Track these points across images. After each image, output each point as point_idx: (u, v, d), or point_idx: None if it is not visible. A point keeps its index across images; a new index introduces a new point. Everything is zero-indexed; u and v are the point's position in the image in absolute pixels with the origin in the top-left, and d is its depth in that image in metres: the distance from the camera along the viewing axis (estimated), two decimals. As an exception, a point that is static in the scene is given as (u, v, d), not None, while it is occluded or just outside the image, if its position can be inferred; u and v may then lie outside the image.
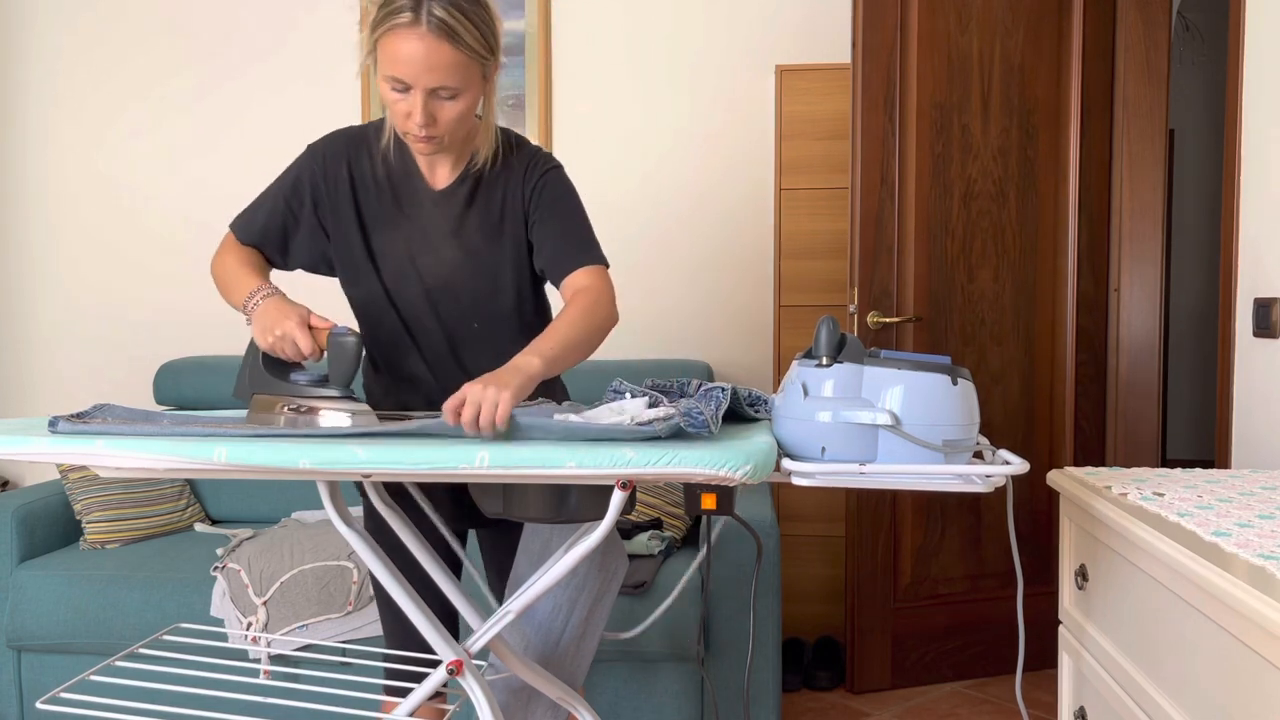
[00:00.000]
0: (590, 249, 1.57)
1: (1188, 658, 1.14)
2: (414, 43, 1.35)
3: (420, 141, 1.44)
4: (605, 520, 1.17)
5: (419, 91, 1.39)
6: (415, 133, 1.43)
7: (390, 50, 1.37)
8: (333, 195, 1.56)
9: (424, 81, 1.38)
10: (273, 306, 1.40)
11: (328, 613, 2.32)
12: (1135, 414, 2.97)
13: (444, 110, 1.42)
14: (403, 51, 1.36)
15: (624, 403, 1.25)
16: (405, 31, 1.35)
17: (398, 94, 1.41)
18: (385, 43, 1.38)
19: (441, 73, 1.38)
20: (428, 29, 1.35)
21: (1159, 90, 2.92)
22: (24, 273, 3.37)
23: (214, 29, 3.28)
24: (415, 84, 1.38)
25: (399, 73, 1.38)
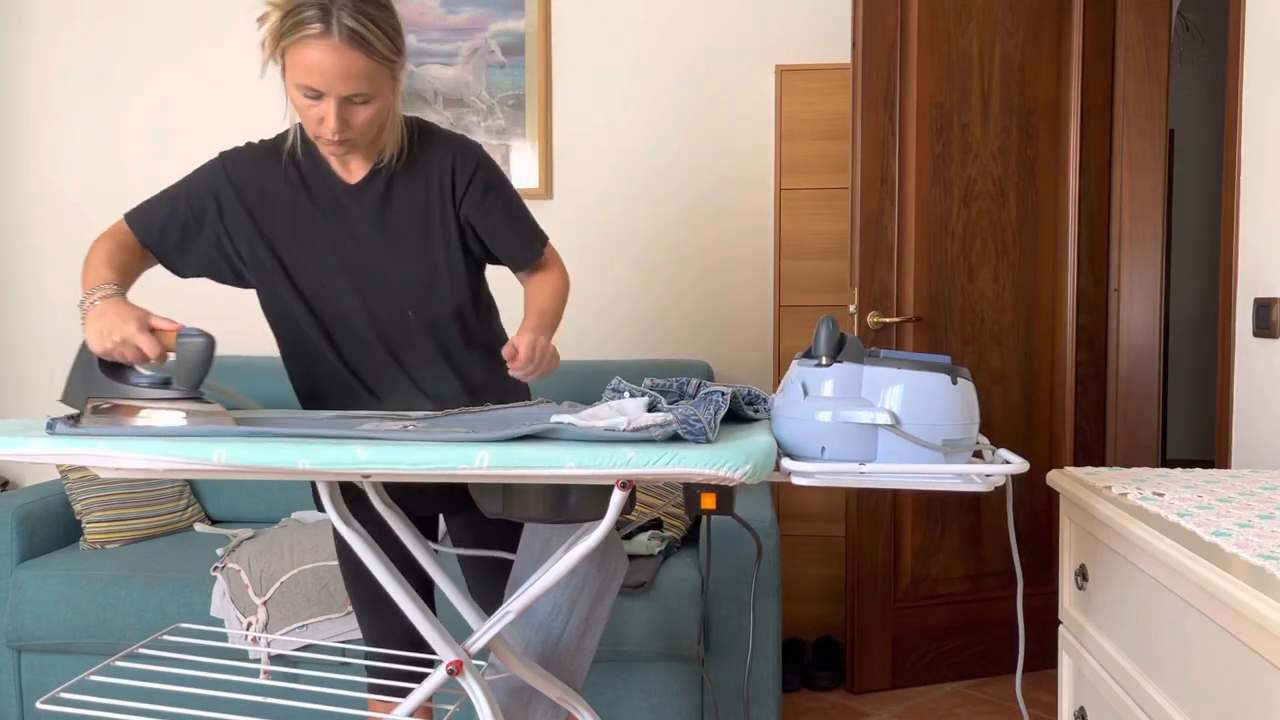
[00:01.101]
0: (538, 231, 1.65)
1: (1188, 658, 1.14)
2: (326, 53, 1.36)
3: (333, 146, 1.45)
4: (605, 520, 1.17)
5: (332, 99, 1.40)
6: (329, 138, 1.43)
7: (302, 60, 1.37)
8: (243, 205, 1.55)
9: (338, 90, 1.39)
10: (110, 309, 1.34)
11: (328, 613, 2.32)
12: (1135, 414, 2.97)
13: (357, 115, 1.43)
14: (315, 61, 1.37)
15: (623, 402, 1.25)
16: (316, 42, 1.36)
17: (310, 101, 1.41)
18: (296, 52, 1.38)
19: (355, 81, 1.39)
20: (339, 39, 1.36)
21: (1159, 90, 2.92)
22: (23, 273, 3.37)
23: (214, 30, 3.28)
24: (329, 92, 1.39)
25: (312, 82, 1.38)
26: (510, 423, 1.25)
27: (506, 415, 1.35)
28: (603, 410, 1.23)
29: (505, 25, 3.17)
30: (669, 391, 1.37)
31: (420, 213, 1.56)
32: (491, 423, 1.27)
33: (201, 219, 1.57)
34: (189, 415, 1.24)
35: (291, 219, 1.55)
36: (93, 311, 1.35)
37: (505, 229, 1.59)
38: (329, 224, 1.54)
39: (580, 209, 3.22)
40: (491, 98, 3.19)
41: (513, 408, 1.44)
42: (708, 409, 1.23)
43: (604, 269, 3.22)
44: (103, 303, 1.36)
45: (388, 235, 1.54)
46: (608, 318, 3.23)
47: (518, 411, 1.39)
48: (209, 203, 1.55)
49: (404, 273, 1.55)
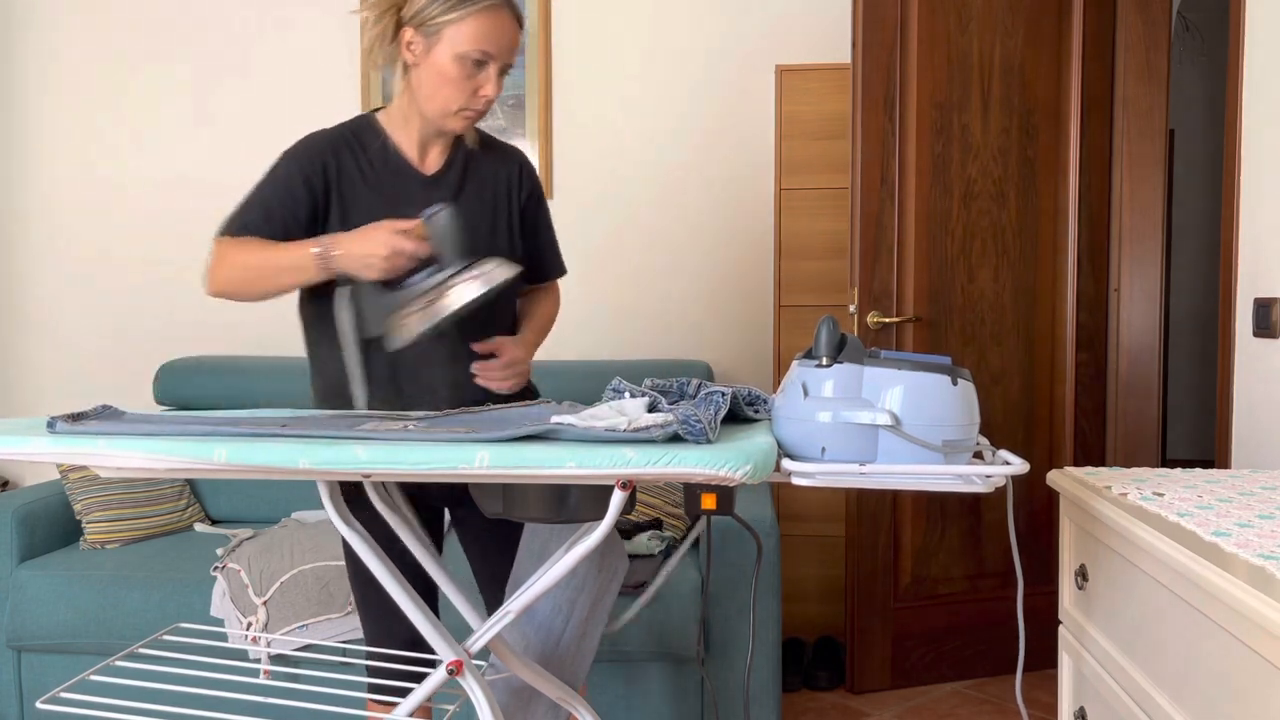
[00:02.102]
0: (560, 259, 1.82)
1: (1188, 658, 1.14)
2: (505, 22, 1.52)
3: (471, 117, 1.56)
4: (605, 520, 1.17)
5: (494, 66, 1.53)
6: (478, 106, 1.55)
7: (478, 26, 1.50)
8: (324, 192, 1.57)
9: (505, 57, 1.54)
10: (354, 241, 1.40)
11: (328, 613, 2.32)
12: (1135, 414, 2.97)
13: (500, 86, 1.57)
14: (492, 29, 1.51)
15: (623, 403, 1.25)
16: (493, 12, 1.51)
17: (470, 70, 1.52)
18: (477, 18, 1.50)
19: (514, 52, 1.55)
20: (507, 12, 1.53)
21: (1159, 90, 2.92)
22: (24, 272, 3.37)
23: (215, 29, 3.28)
24: (499, 59, 1.53)
25: (488, 46, 1.51)
26: (510, 423, 1.25)
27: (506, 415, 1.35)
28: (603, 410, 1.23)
29: (505, 25, 3.17)
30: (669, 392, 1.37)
31: (490, 208, 1.65)
32: (491, 423, 1.27)
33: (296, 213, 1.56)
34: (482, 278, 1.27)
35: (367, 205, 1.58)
36: (338, 258, 1.40)
37: (545, 243, 1.75)
38: (402, 212, 1.58)
39: (580, 209, 3.22)
40: (491, 98, 3.19)
41: (512, 408, 1.44)
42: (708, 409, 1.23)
43: (604, 269, 3.22)
44: (335, 244, 1.41)
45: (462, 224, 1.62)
46: (608, 318, 3.23)
47: (518, 411, 1.39)
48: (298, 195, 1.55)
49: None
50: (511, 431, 1.15)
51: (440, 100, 1.54)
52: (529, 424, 1.17)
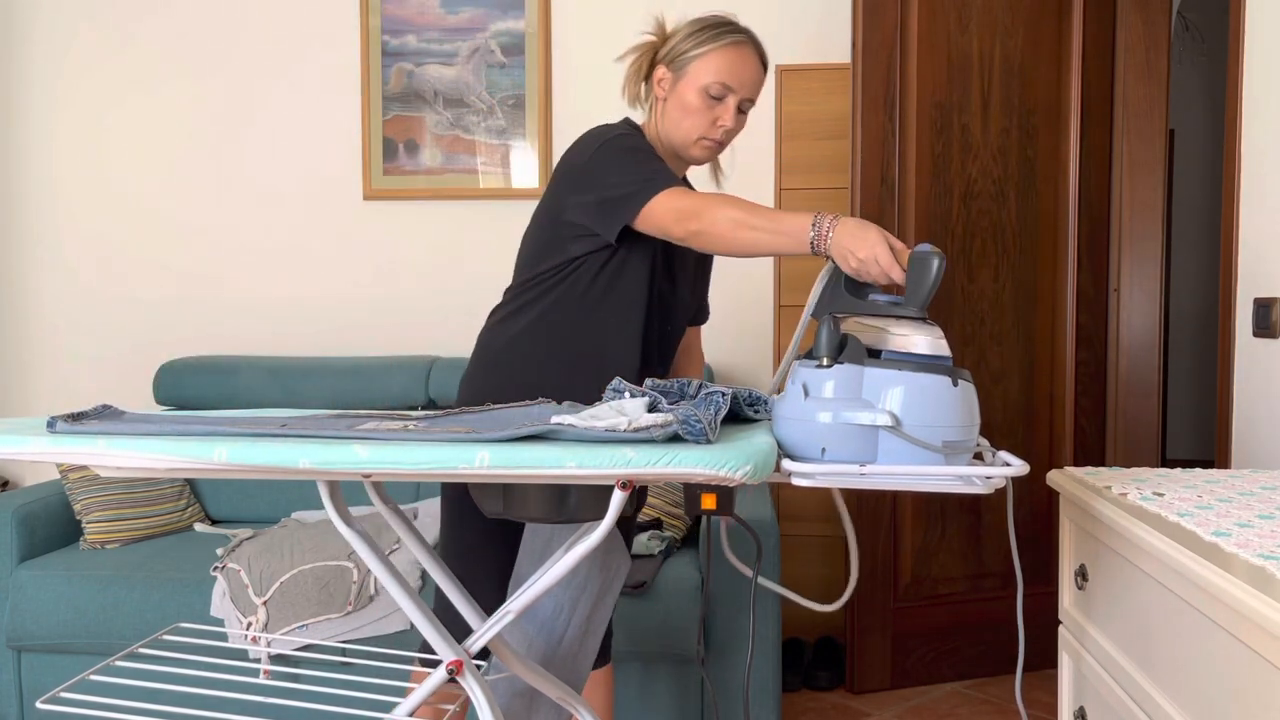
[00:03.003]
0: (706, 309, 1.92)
1: (1188, 658, 1.14)
2: (750, 59, 1.61)
3: (711, 148, 1.64)
4: (605, 520, 1.17)
5: (735, 99, 1.61)
6: (716, 137, 1.62)
7: (725, 61, 1.59)
8: None
9: (746, 91, 1.61)
10: (853, 229, 1.35)
11: (328, 613, 2.32)
12: (1135, 414, 2.97)
13: (740, 123, 1.65)
14: (739, 64, 1.60)
15: (623, 403, 1.25)
16: (743, 49, 1.61)
17: (712, 101, 1.60)
18: (720, 54, 1.59)
19: (755, 87, 1.63)
20: (753, 50, 1.63)
21: (1159, 90, 2.92)
22: (24, 272, 3.37)
23: (216, 26, 3.28)
24: (740, 91, 1.61)
25: (731, 80, 1.60)
26: (511, 423, 1.25)
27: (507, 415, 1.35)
28: (603, 410, 1.23)
29: (505, 25, 3.17)
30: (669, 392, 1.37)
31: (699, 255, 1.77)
32: (492, 423, 1.27)
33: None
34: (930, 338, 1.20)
35: None
36: (835, 235, 1.36)
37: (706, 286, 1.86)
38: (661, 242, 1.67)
39: (580, 209, 3.21)
40: (491, 98, 3.19)
41: (512, 407, 1.44)
42: (708, 409, 1.23)
43: (604, 269, 3.21)
44: (839, 225, 1.36)
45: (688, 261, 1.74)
46: (608, 318, 3.23)
47: (518, 411, 1.39)
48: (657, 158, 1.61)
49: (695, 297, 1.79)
50: (511, 432, 1.15)
51: (683, 131, 1.64)
52: (529, 424, 1.17)
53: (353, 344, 3.29)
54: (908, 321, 1.23)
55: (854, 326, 1.27)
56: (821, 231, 1.37)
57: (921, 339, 1.19)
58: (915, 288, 1.25)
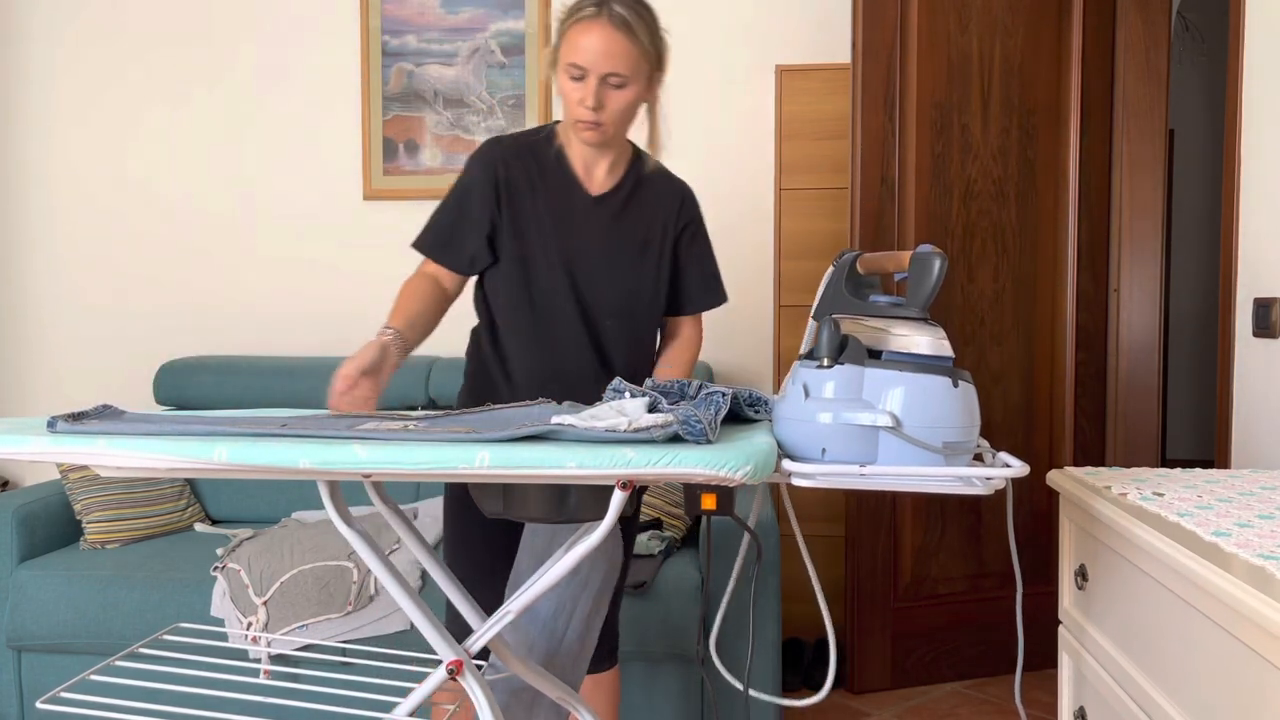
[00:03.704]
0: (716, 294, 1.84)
1: (1188, 658, 1.14)
2: (596, 32, 1.56)
3: (588, 129, 1.61)
4: (605, 520, 1.17)
5: (593, 77, 1.57)
6: (585, 117, 1.59)
7: (573, 41, 1.57)
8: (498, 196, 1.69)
9: (600, 67, 1.56)
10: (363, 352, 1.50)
11: (328, 613, 2.32)
12: (1135, 414, 2.97)
13: (612, 98, 1.60)
14: (584, 41, 1.56)
15: (624, 403, 1.25)
16: (589, 23, 1.56)
17: (575, 82, 1.59)
18: (570, 36, 1.58)
19: (615, 60, 1.56)
20: (608, 21, 1.56)
21: (1159, 90, 2.92)
22: (24, 272, 3.37)
23: (217, 27, 3.28)
24: (592, 69, 1.56)
25: (579, 59, 1.56)
26: (511, 423, 1.25)
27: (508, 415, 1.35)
28: (604, 410, 1.23)
29: (505, 25, 3.17)
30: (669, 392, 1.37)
31: (643, 236, 1.73)
32: (492, 423, 1.27)
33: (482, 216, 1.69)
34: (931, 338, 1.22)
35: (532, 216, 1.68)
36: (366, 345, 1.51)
37: (695, 274, 1.81)
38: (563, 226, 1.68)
39: (580, 209, 3.21)
40: (491, 98, 3.19)
41: (512, 407, 1.44)
42: (708, 409, 1.23)
43: (604, 269, 3.21)
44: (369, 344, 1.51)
45: (614, 249, 1.70)
46: (608, 318, 3.23)
47: (519, 411, 1.39)
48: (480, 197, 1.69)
49: (619, 287, 1.71)
50: (511, 432, 1.15)
51: (566, 114, 1.64)
52: (529, 424, 1.17)
53: (353, 344, 3.29)
54: (909, 322, 1.23)
55: (855, 327, 1.26)
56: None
57: (923, 339, 1.19)
58: (916, 288, 1.25)
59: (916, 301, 1.23)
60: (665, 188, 1.78)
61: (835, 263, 1.36)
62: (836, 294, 1.32)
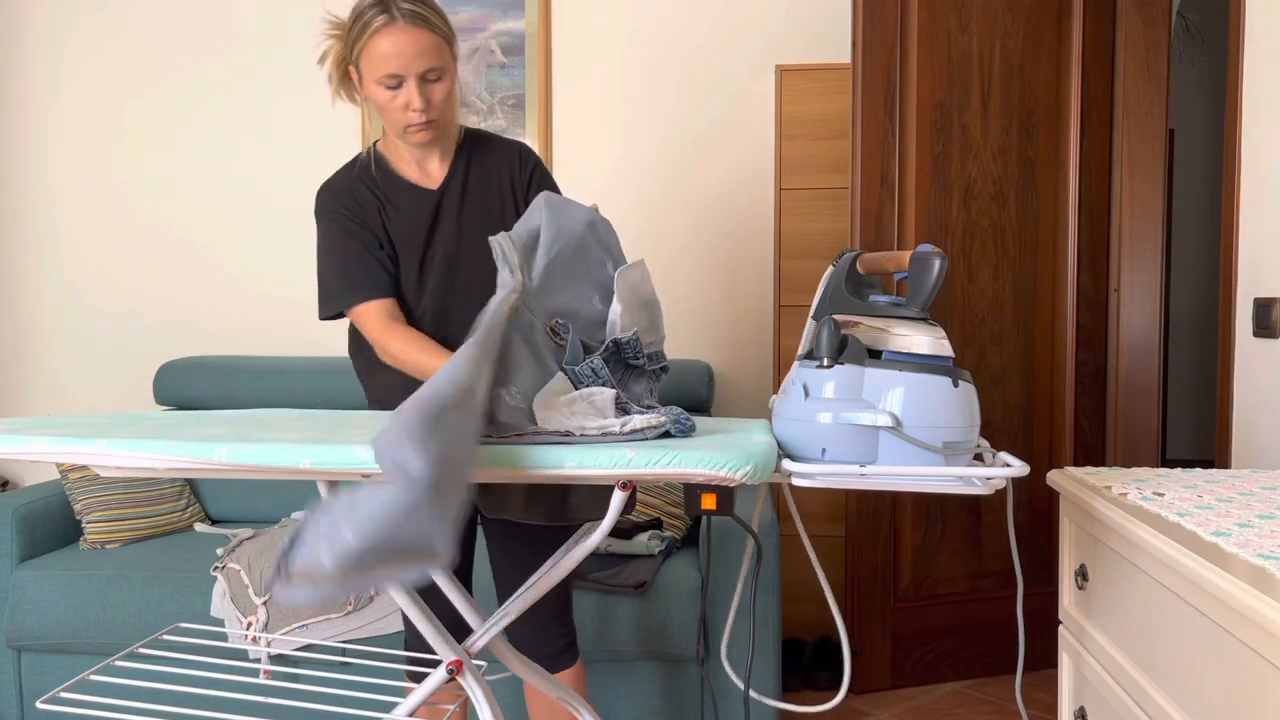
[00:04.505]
0: None
1: (1188, 658, 1.14)
2: (396, 36, 1.50)
3: (421, 131, 1.57)
4: (605, 520, 1.17)
5: (411, 79, 1.53)
6: (415, 120, 1.55)
7: (376, 52, 1.51)
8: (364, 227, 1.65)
9: (415, 67, 1.52)
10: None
11: (328, 613, 2.32)
12: (1135, 414, 2.97)
13: (434, 92, 1.56)
14: (388, 48, 1.50)
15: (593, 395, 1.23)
16: (384, 30, 1.50)
17: (391, 91, 1.54)
18: (369, 49, 1.52)
19: (427, 56, 1.52)
20: (404, 21, 1.50)
21: (1159, 90, 2.92)
22: (24, 272, 3.37)
23: (218, 27, 3.28)
24: (407, 73, 1.52)
25: (389, 68, 1.51)
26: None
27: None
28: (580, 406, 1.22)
29: (505, 25, 3.17)
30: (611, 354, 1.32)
31: (496, 206, 1.68)
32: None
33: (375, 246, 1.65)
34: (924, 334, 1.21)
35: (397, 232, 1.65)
36: None
37: None
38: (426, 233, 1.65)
39: (580, 209, 3.21)
40: (491, 98, 3.19)
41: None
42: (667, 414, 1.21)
43: (604, 269, 3.21)
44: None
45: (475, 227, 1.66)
46: (608, 318, 3.22)
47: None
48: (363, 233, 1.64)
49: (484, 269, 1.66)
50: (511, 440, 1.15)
51: (390, 126, 1.62)
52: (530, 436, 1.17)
53: (353, 344, 3.29)
54: (909, 322, 1.23)
55: (855, 327, 1.26)
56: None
57: (923, 339, 1.19)
58: (916, 288, 1.25)
59: (916, 301, 1.23)
60: (498, 150, 1.73)
61: (835, 263, 1.36)
62: (836, 294, 1.32)
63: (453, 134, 1.69)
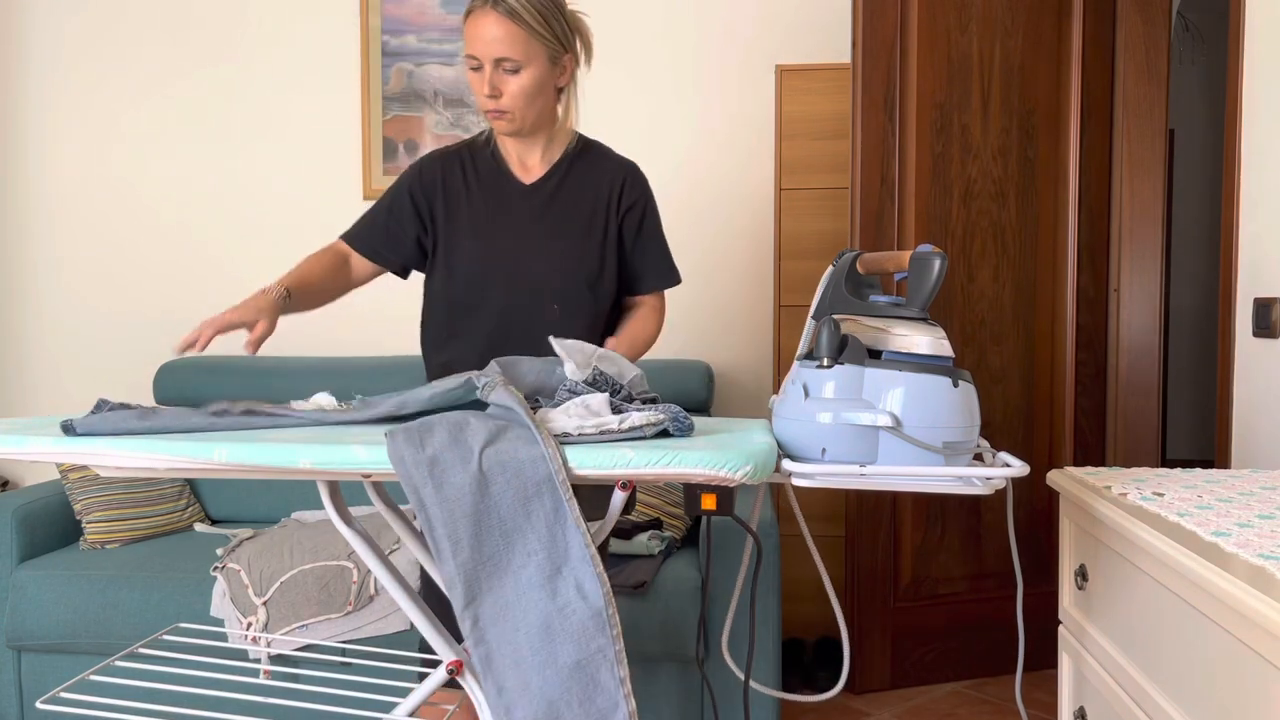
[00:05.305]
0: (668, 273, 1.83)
1: (1188, 658, 1.14)
2: (483, 21, 1.61)
3: (495, 118, 1.66)
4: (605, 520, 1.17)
5: (488, 65, 1.62)
6: (486, 106, 1.65)
7: (468, 33, 1.63)
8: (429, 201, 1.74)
9: (490, 53, 1.61)
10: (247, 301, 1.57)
11: (328, 613, 2.32)
12: (1135, 414, 2.97)
13: (508, 83, 1.64)
14: (474, 31, 1.61)
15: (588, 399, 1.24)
16: (478, 15, 1.61)
17: (474, 73, 1.64)
18: (466, 30, 1.63)
19: (503, 45, 1.60)
20: (493, 9, 1.60)
21: (1159, 90, 2.92)
22: (24, 272, 3.37)
23: (217, 28, 3.28)
24: (483, 57, 1.61)
25: (472, 49, 1.62)
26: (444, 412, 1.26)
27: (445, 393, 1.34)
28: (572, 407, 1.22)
29: (505, 25, 3.17)
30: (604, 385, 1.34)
31: (585, 217, 1.74)
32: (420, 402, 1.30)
33: (400, 218, 1.76)
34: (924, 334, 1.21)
35: (466, 213, 1.73)
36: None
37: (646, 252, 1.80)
38: (499, 220, 1.72)
39: (580, 209, 3.21)
40: (491, 98, 3.19)
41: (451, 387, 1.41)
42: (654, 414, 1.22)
43: (604, 269, 3.21)
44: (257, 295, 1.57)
45: (550, 233, 1.72)
46: (608, 318, 3.22)
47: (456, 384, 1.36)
48: (405, 202, 1.76)
49: (558, 269, 1.71)
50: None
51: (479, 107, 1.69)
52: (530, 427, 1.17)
53: (352, 344, 3.29)
54: (909, 322, 1.23)
55: (855, 327, 1.26)
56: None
57: (923, 339, 1.19)
58: (916, 288, 1.25)
59: (916, 301, 1.23)
60: (604, 165, 1.78)
61: (835, 263, 1.36)
62: (836, 294, 1.32)
63: (552, 134, 1.76)
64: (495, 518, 1.10)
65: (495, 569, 1.10)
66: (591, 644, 1.09)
